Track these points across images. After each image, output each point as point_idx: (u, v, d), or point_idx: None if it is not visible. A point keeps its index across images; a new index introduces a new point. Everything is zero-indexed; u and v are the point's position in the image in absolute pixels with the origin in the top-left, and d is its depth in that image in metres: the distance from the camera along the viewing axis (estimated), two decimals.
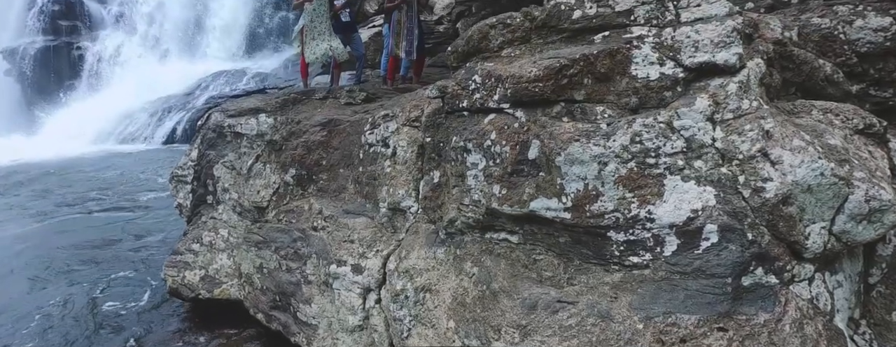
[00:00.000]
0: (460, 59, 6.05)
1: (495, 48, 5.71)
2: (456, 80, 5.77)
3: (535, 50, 5.53)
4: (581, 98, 4.95)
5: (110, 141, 17.69)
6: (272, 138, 8.36)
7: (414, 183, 6.39)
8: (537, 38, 5.61)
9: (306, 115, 8.40)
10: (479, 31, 5.81)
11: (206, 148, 9.38)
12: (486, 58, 5.73)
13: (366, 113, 7.90)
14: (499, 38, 5.70)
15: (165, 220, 11.31)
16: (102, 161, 16.44)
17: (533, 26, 5.64)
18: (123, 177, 14.50)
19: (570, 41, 5.40)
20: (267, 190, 8.34)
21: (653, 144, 4.64)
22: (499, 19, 5.75)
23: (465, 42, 5.89)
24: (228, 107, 9.57)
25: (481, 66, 5.57)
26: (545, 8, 5.58)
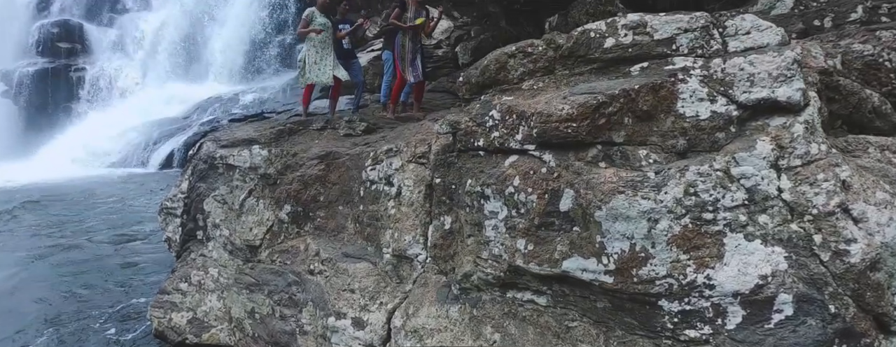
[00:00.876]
0: (474, 91, 5.18)
1: (515, 79, 4.84)
2: (470, 115, 4.90)
3: (561, 82, 4.66)
4: (621, 140, 4.08)
5: (106, 165, 16.76)
6: (266, 172, 7.45)
7: (421, 228, 5.48)
8: (562, 69, 4.74)
9: (303, 147, 7.51)
10: (495, 61, 4.94)
11: (197, 180, 8.46)
12: (504, 90, 4.86)
13: (367, 145, 7.02)
14: (519, 68, 4.83)
15: (155, 253, 10.35)
16: (96, 186, 15.50)
17: (557, 56, 4.78)
18: (115, 204, 13.56)
19: (602, 73, 4.53)
20: (260, 227, 7.43)
21: (710, 196, 3.77)
22: (519, 47, 4.88)
23: (480, 72, 5.02)
24: (221, 136, 8.67)
25: (500, 100, 4.69)
26: (572, 35, 4.71)
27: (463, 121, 4.89)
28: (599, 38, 4.56)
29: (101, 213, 12.97)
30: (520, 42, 4.94)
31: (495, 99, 4.73)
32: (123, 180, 15.68)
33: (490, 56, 5.00)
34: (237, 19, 19.28)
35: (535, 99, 4.47)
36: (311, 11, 8.93)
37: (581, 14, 12.28)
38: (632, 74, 4.34)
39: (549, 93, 4.48)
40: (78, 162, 17.08)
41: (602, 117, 4.01)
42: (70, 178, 16.18)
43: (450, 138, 5.21)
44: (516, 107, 4.46)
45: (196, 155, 8.83)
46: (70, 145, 17.50)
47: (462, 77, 5.27)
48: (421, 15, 9.20)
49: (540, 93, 4.56)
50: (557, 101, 4.16)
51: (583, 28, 4.63)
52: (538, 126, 4.21)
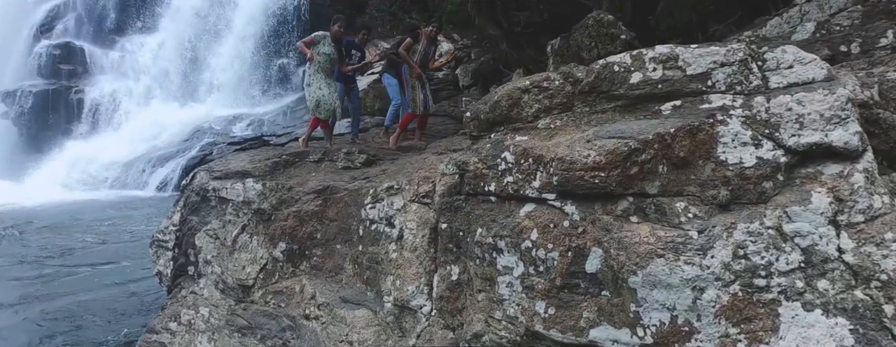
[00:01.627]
0: (483, 128, 4.57)
1: (529, 117, 4.24)
2: (479, 156, 4.29)
3: (581, 121, 4.06)
4: (655, 191, 3.47)
5: (104, 187, 16.13)
6: (260, 206, 6.83)
7: (426, 277, 4.86)
8: (582, 106, 4.14)
9: (299, 181, 6.90)
10: (508, 97, 4.34)
11: (189, 212, 7.85)
12: (517, 129, 4.26)
13: (366, 180, 6.41)
14: (534, 104, 4.24)
15: (146, 285, 9.70)
16: (93, 209, 14.87)
17: (576, 91, 4.18)
18: (110, 229, 12.93)
19: (628, 111, 3.93)
20: (253, 266, 6.80)
21: (761, 259, 3.16)
22: (533, 82, 4.29)
23: (490, 108, 4.42)
24: (215, 167, 8.08)
25: (513, 141, 4.09)
26: (592, 69, 4.12)
27: (471, 163, 4.29)
28: (624, 73, 3.96)
29: (92, 239, 12.36)
30: (534, 75, 4.35)
31: (508, 139, 4.13)
32: (120, 204, 15.05)
33: (501, 90, 4.40)
34: (237, 42, 18.75)
35: (554, 140, 3.86)
36: (323, 36, 8.37)
37: (583, 37, 11.69)
38: (663, 114, 3.74)
39: (568, 134, 3.87)
40: (75, 184, 16.45)
41: (634, 166, 3.40)
42: (66, 202, 15.55)
43: (456, 178, 4.61)
44: (533, 149, 3.86)
45: (189, 185, 8.22)
46: (68, 167, 16.86)
47: (469, 112, 4.67)
48: (431, 49, 8.79)
49: (558, 134, 3.95)
50: (581, 146, 3.55)
51: (605, 61, 4.03)
52: (559, 173, 3.60)
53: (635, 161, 3.38)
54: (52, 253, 11.71)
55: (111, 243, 12.03)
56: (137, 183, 15.78)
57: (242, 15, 19.22)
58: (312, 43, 8.33)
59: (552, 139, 3.89)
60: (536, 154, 3.81)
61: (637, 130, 3.49)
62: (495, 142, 4.19)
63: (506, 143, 4.05)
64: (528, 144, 3.92)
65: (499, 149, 4.11)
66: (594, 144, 3.49)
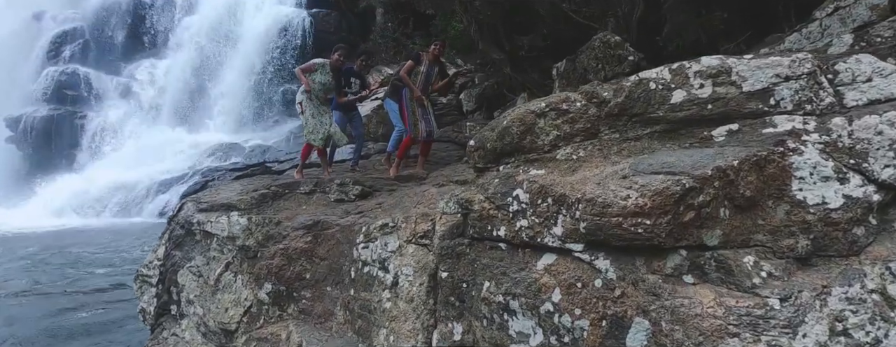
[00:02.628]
0: (490, 160, 3.70)
1: (546, 147, 3.36)
2: (486, 193, 3.41)
3: (610, 150, 3.18)
4: (715, 242, 2.58)
5: (104, 214, 15.30)
6: (245, 243, 5.95)
7: (424, 334, 3.95)
8: (610, 132, 3.27)
9: (288, 214, 6.03)
10: (519, 122, 3.46)
11: (173, 246, 6.99)
12: (531, 161, 3.38)
13: (360, 214, 5.53)
14: (551, 131, 3.36)
15: (131, 320, 8.77)
16: (90, 236, 14.05)
17: (602, 114, 3.31)
18: (104, 256, 12.08)
19: (669, 138, 3.06)
20: (237, 308, 5.90)
21: (866, 335, 2.26)
22: (550, 104, 3.41)
23: (499, 135, 3.55)
24: (202, 197, 7.23)
25: (527, 176, 3.21)
26: (622, 87, 3.25)
27: (476, 201, 3.41)
28: (663, 91, 3.08)
29: (85, 267, 11.52)
30: (550, 96, 3.48)
31: (520, 173, 3.25)
32: (119, 231, 14.20)
33: (512, 114, 3.52)
34: (242, 68, 18.03)
35: (578, 175, 2.98)
36: (321, 64, 7.59)
37: (589, 59, 10.82)
38: (716, 141, 2.86)
39: (596, 168, 2.99)
40: (76, 210, 15.62)
41: (689, 210, 2.51)
42: (66, 227, 14.75)
43: (459, 217, 3.72)
44: (552, 187, 2.97)
45: (175, 217, 7.36)
46: (70, 193, 16.04)
47: (473, 141, 3.79)
48: (434, 70, 7.93)
49: (583, 167, 3.07)
50: (616, 184, 2.66)
51: (638, 77, 3.16)
52: (589, 219, 2.71)
53: (691, 204, 2.50)
54: (41, 280, 10.85)
55: (104, 273, 11.15)
56: (138, 210, 14.94)
57: (247, 42, 18.55)
58: (310, 70, 7.56)
59: (575, 173, 3.01)
60: (557, 193, 2.92)
61: (690, 164, 2.60)
62: (505, 177, 3.31)
63: (518, 178, 3.17)
64: (545, 180, 3.04)
65: (509, 185, 3.23)
66: (633, 182, 2.61)
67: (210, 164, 15.37)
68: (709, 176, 2.51)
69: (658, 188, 2.49)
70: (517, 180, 3.17)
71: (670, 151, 2.83)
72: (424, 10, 15.53)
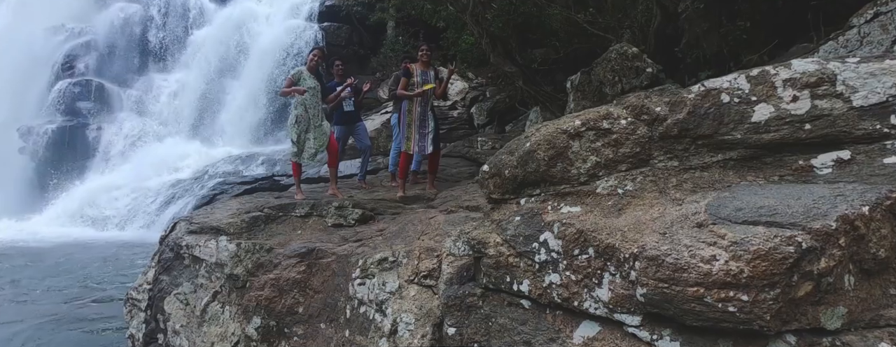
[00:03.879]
0: (508, 190, 2.90)
1: (582, 176, 2.56)
2: (504, 234, 2.62)
3: (668, 183, 2.37)
4: (838, 324, 1.76)
5: (112, 226, 14.61)
6: (233, 271, 5.18)
7: None
8: (666, 158, 2.47)
9: (281, 240, 5.26)
10: (548, 144, 2.66)
11: (161, 270, 6.23)
12: (563, 194, 2.58)
13: (359, 242, 4.75)
14: (588, 157, 2.56)
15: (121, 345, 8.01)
16: (97, 248, 13.41)
17: (655, 135, 2.51)
18: (106, 271, 11.44)
19: (749, 167, 2.26)
20: (223, 343, 5.14)
21: None
22: (587, 122, 2.61)
23: (520, 160, 2.75)
24: (195, 217, 6.50)
25: (558, 215, 2.41)
26: (682, 100, 2.45)
27: (491, 243, 2.61)
28: (740, 106, 2.29)
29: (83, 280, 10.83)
30: (586, 112, 2.68)
31: (548, 210, 2.45)
32: (126, 244, 13.48)
33: (538, 134, 2.72)
34: (253, 81, 17.36)
35: (627, 217, 2.18)
36: (300, 71, 6.79)
37: (606, 71, 10.03)
38: (820, 175, 2.06)
39: (651, 207, 2.18)
40: (85, 222, 14.92)
41: (805, 281, 1.71)
42: (72, 239, 14.05)
43: (469, 259, 2.93)
44: (593, 233, 2.18)
45: (166, 238, 6.61)
46: (80, 205, 15.35)
47: (488, 166, 2.99)
48: (429, 76, 7.02)
49: (633, 205, 2.27)
50: (689, 235, 1.86)
51: (704, 87, 2.37)
52: (651, 284, 1.91)
53: (809, 272, 1.70)
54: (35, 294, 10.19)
55: (102, 289, 10.44)
56: (146, 223, 14.21)
57: (258, 55, 17.89)
58: (294, 82, 6.78)
59: (623, 214, 2.22)
60: (601, 242, 2.13)
61: (801, 210, 1.80)
62: (529, 215, 2.51)
63: (546, 218, 2.38)
64: (584, 222, 2.24)
65: (535, 225, 2.44)
66: (717, 235, 1.80)
67: (220, 177, 14.63)
68: (833, 231, 1.71)
69: (761, 248, 1.70)
70: (545, 220, 2.37)
71: (758, 188, 2.04)
72: (435, 23, 14.80)
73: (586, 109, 2.71)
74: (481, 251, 2.67)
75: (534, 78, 13.60)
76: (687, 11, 11.06)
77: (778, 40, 9.39)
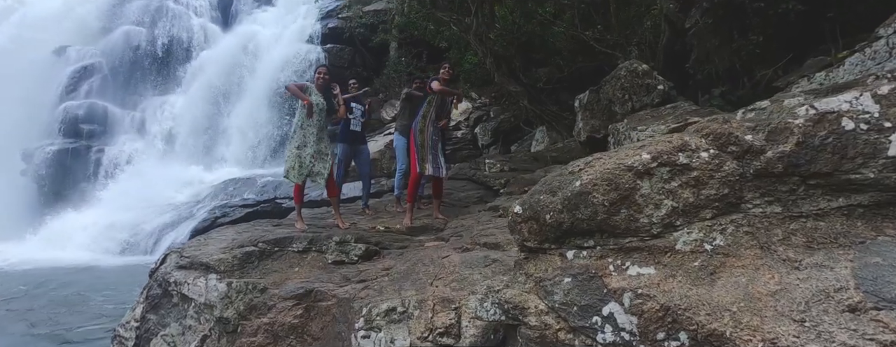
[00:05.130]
0: (547, 239, 2.24)
1: (655, 226, 1.90)
2: (549, 301, 1.97)
3: (771, 235, 1.73)
4: None
5: (112, 251, 13.90)
6: (223, 314, 4.52)
7: None
8: (764, 202, 1.83)
9: (276, 279, 4.61)
10: (608, 185, 2.02)
11: (149, 308, 5.56)
12: (628, 249, 1.92)
13: (362, 283, 4.09)
14: (662, 201, 1.92)
15: None
16: (95, 273, 12.72)
17: (747, 171, 1.86)
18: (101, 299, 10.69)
19: (883, 216, 1.59)
20: None
21: None
22: (658, 156, 1.97)
23: (567, 205, 2.10)
24: (186, 250, 5.83)
25: (626, 281, 1.77)
26: (787, 127, 1.80)
27: (532, 310, 1.98)
28: (869, 135, 1.64)
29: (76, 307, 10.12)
30: (654, 141, 2.04)
31: (610, 272, 1.81)
32: (124, 269, 12.77)
33: (590, 170, 2.07)
34: (256, 103, 16.81)
35: (725, 285, 1.52)
36: (308, 86, 6.20)
37: (615, 89, 9.47)
38: None
39: (758, 272, 1.53)
40: (85, 245, 14.22)
41: None
42: (70, 264, 13.32)
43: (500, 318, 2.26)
44: (684, 311, 1.52)
45: (155, 272, 5.95)
46: (80, 227, 14.68)
47: (520, 208, 2.35)
48: (447, 100, 6.49)
49: (728, 267, 1.62)
50: (847, 331, 1.20)
51: (816, 110, 1.74)
52: None
53: None
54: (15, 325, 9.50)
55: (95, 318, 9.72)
56: (145, 248, 13.52)
57: (262, 77, 17.36)
58: (302, 90, 6.19)
59: (717, 280, 1.60)
60: (701, 326, 1.48)
61: None
62: (583, 277, 1.86)
63: (610, 284, 1.73)
64: (668, 294, 1.60)
65: (593, 292, 1.79)
66: (891, 327, 1.15)
67: (221, 200, 14.00)
68: None
69: None
70: (609, 286, 1.73)
71: None
72: (438, 43, 14.28)
73: (651, 138, 2.07)
74: (519, 319, 2.03)
75: (538, 97, 13.04)
76: (696, 27, 10.52)
77: (793, 54, 8.83)
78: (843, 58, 7.20)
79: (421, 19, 13.44)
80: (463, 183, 8.92)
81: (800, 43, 9.25)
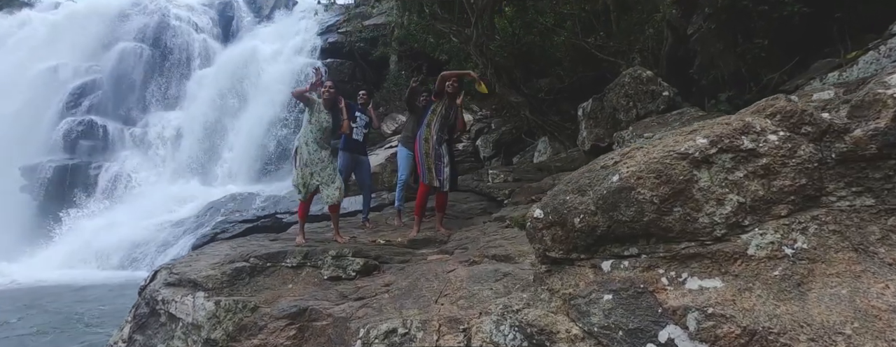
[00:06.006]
0: (576, 247, 1.83)
1: (719, 227, 1.48)
2: (586, 322, 1.59)
3: (866, 233, 1.32)
4: None
5: (113, 267, 13.50)
6: (210, 335, 4.11)
7: None
8: (851, 193, 1.43)
9: (268, 296, 4.19)
10: (655, 177, 1.60)
11: (136, 328, 5.15)
12: (684, 257, 1.50)
13: (360, 301, 3.68)
14: (726, 195, 1.51)
15: None
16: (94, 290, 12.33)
17: (827, 157, 1.44)
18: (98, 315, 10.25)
19: None
20: None
21: None
22: (717, 140, 1.56)
23: (601, 204, 1.69)
24: (176, 266, 5.42)
25: (685, 296, 1.36)
26: (875, 97, 1.38)
27: (563, 334, 1.57)
28: None
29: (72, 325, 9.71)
30: (711, 123, 1.63)
31: (663, 286, 1.39)
32: (125, 286, 12.34)
33: (631, 161, 1.68)
34: (256, 118, 16.45)
35: (821, 300, 1.11)
36: (317, 102, 5.86)
37: (619, 96, 9.13)
38: None
39: (860, 281, 1.11)
40: (84, 262, 13.79)
41: None
42: (69, 280, 12.90)
43: None
44: (776, 335, 1.10)
45: (145, 289, 5.55)
46: (80, 243, 14.26)
47: (540, 211, 1.95)
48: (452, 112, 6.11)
49: (819, 276, 1.21)
50: None
51: None
52: None
53: None
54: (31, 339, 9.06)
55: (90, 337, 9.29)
56: (148, 263, 13.08)
57: (262, 92, 17.02)
58: (310, 100, 5.84)
59: (808, 293, 1.19)
60: None
61: None
62: (628, 293, 1.46)
63: (666, 301, 1.33)
64: (750, 313, 1.18)
65: (644, 312, 1.38)
66: None
67: (221, 216, 13.58)
68: None
69: None
70: (665, 305, 1.33)
71: None
72: (438, 56, 13.97)
73: (701, 122, 1.68)
74: (544, 341, 1.62)
75: (540, 107, 12.69)
76: (700, 32, 10.18)
77: (799, 57, 8.50)
78: (856, 57, 6.87)
79: (420, 31, 13.14)
80: (466, 194, 8.51)
81: (803, 46, 8.91)
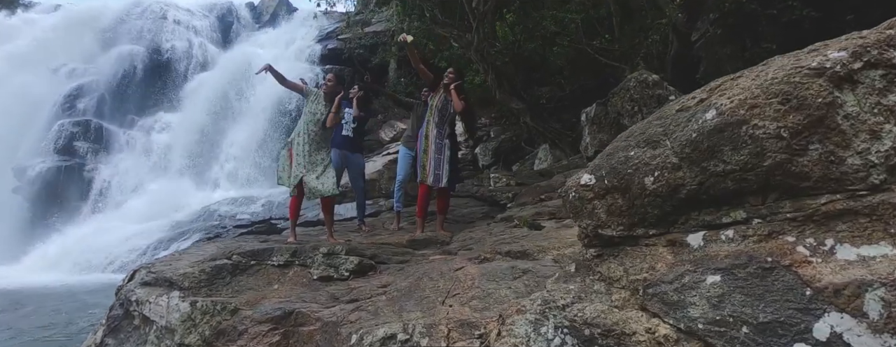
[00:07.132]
0: (644, 220, 1.30)
1: (876, 171, 0.98)
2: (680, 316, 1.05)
3: None
4: None
5: (107, 270, 12.89)
6: (184, 340, 3.57)
7: None
8: None
9: (250, 298, 3.66)
10: (778, 99, 1.09)
11: (108, 332, 4.60)
12: (826, 215, 0.99)
13: (354, 304, 3.15)
14: (881, 125, 0.98)
15: None
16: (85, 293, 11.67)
17: None
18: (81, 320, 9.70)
19: None
20: None
21: None
22: (861, 50, 1.06)
23: (690, 152, 1.16)
24: (155, 265, 4.90)
25: (848, 268, 0.83)
26: None
27: (640, 332, 1.04)
28: None
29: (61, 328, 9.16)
30: (824, 43, 1.12)
31: (807, 260, 0.87)
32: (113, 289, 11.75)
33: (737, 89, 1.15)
34: (254, 123, 15.94)
35: None
36: (315, 92, 5.38)
37: (624, 101, 8.62)
38: None
39: None
40: (77, 264, 13.16)
41: None
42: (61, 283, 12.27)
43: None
44: None
45: (121, 289, 5.00)
46: (72, 246, 13.65)
47: (589, 176, 1.44)
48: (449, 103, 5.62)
49: None
50: None
51: None
52: None
53: None
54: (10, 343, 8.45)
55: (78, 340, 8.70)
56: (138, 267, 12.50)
57: (260, 97, 16.54)
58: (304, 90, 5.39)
59: None
60: None
61: None
62: (748, 273, 0.92)
63: (817, 281, 0.79)
64: None
65: (782, 298, 0.85)
66: None
67: (216, 220, 13.03)
68: None
69: None
70: (815, 283, 0.82)
71: None
72: (438, 62, 13.53)
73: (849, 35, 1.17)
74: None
75: (541, 115, 12.27)
76: (705, 37, 9.78)
77: None
78: None
79: (421, 37, 12.70)
80: (466, 200, 7.99)
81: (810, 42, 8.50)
